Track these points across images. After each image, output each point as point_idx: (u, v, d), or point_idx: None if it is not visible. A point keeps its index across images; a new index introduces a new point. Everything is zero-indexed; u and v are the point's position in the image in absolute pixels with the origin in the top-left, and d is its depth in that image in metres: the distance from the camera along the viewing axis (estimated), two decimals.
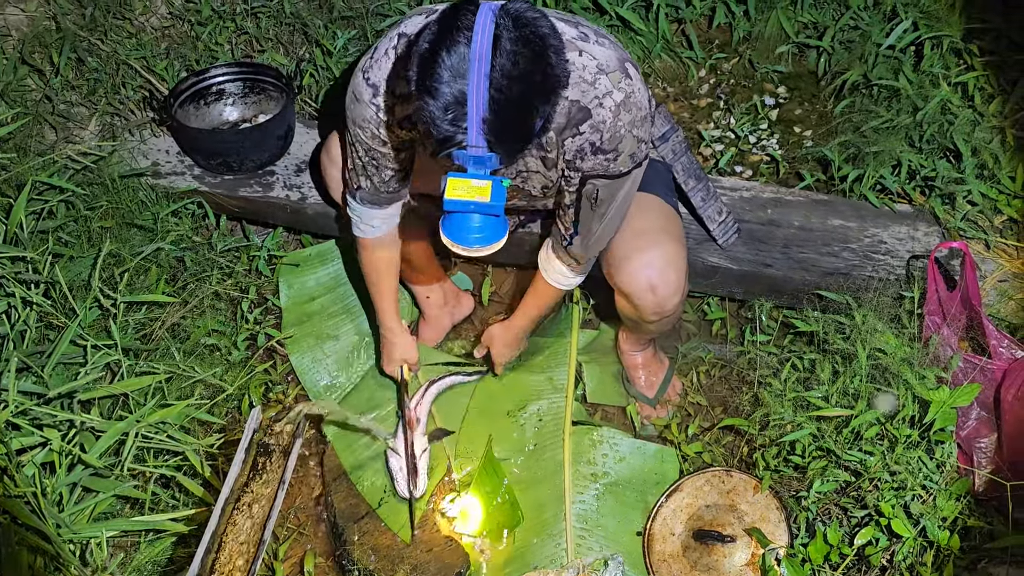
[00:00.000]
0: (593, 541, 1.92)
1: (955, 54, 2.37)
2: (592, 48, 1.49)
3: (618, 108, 1.50)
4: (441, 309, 2.28)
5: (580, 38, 1.50)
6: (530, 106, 1.29)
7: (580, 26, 1.53)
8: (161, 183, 2.38)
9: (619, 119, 1.50)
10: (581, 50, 1.48)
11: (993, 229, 2.13)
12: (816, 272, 2.09)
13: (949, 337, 1.80)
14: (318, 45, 2.59)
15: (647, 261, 1.74)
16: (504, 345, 2.08)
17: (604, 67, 1.49)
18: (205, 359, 2.14)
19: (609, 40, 1.54)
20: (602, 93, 1.49)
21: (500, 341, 2.08)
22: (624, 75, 1.50)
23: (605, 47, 1.51)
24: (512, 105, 1.25)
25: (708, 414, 2.15)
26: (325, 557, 1.97)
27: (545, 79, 1.30)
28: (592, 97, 1.49)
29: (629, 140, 1.53)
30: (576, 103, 1.49)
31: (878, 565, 1.66)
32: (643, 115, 1.54)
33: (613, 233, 1.76)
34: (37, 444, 1.74)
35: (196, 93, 2.47)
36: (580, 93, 1.48)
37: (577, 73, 1.47)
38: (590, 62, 1.48)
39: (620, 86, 1.50)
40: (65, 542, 1.66)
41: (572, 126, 1.51)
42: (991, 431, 1.76)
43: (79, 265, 2.09)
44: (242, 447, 1.50)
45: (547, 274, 1.84)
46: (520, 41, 1.25)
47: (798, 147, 2.52)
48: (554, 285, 1.85)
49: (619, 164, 1.56)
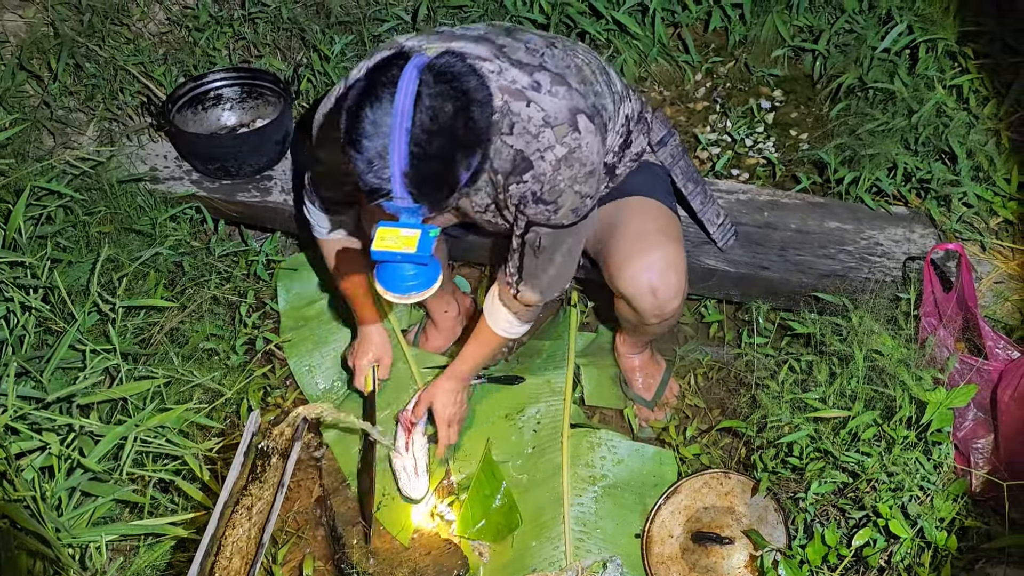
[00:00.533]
0: (592, 543, 1.92)
1: (950, 57, 2.38)
2: (542, 99, 1.51)
3: (558, 163, 1.51)
4: (455, 320, 2.28)
5: (531, 87, 1.51)
6: (451, 159, 1.32)
7: (539, 71, 1.53)
8: (159, 188, 2.39)
9: (559, 173, 1.52)
10: (529, 100, 1.50)
11: (989, 231, 2.13)
12: (813, 274, 2.10)
13: (945, 338, 1.81)
14: (315, 50, 2.60)
15: (648, 264, 1.74)
16: (448, 395, 1.95)
17: (551, 120, 1.50)
18: (203, 363, 2.14)
19: (566, 88, 1.54)
20: (544, 146, 1.51)
21: (443, 393, 1.95)
22: (572, 129, 1.51)
23: (557, 98, 1.52)
24: (432, 159, 1.29)
25: (706, 416, 2.15)
26: (324, 561, 1.97)
27: (467, 132, 1.32)
28: (535, 149, 1.51)
29: (570, 195, 1.55)
30: (520, 152, 1.52)
31: (876, 566, 1.66)
32: (588, 171, 1.54)
33: (566, 281, 1.76)
34: (36, 448, 1.74)
35: (194, 98, 2.47)
36: (524, 144, 1.51)
37: (522, 124, 1.50)
38: (536, 113, 1.50)
39: (564, 140, 1.51)
40: (64, 546, 1.66)
41: (517, 173, 1.54)
42: (988, 432, 1.77)
43: (78, 270, 2.09)
44: (241, 450, 1.50)
45: (492, 321, 1.83)
46: (440, 96, 1.29)
47: (794, 150, 2.53)
48: (499, 333, 1.84)
49: (560, 217, 1.58)
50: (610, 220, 1.82)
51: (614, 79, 1.75)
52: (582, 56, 1.69)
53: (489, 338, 1.87)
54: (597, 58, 1.74)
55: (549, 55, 1.60)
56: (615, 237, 1.79)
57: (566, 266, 1.71)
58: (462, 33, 1.62)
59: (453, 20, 2.61)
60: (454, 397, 1.96)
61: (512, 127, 1.50)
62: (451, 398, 1.96)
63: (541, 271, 1.69)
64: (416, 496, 1.99)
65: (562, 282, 1.75)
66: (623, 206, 1.83)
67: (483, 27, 1.66)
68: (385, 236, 1.32)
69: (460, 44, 1.55)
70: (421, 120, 1.27)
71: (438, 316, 2.25)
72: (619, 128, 1.77)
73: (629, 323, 1.92)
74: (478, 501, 1.99)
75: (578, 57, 1.67)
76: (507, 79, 1.51)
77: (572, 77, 1.58)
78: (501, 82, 1.50)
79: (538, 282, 1.71)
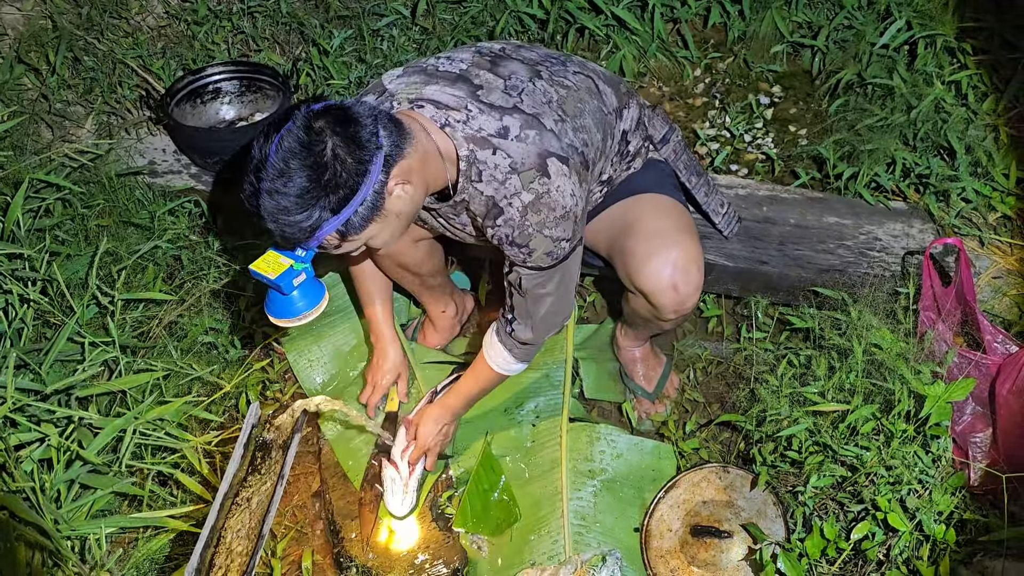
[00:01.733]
0: (591, 537, 1.92)
1: (948, 53, 2.39)
2: (509, 145, 1.52)
3: (525, 209, 1.53)
4: (453, 319, 2.29)
5: (498, 134, 1.53)
6: (301, 202, 1.35)
7: (511, 114, 1.54)
8: (158, 182, 2.39)
9: (526, 219, 1.53)
10: (496, 148, 1.52)
11: (987, 226, 2.14)
12: (812, 269, 2.10)
13: (944, 333, 1.81)
14: (314, 44, 2.60)
15: (669, 260, 1.74)
16: (434, 423, 1.95)
17: (517, 166, 1.52)
18: (202, 357, 2.14)
19: (537, 132, 1.54)
20: (511, 192, 1.53)
21: (430, 421, 1.95)
22: (541, 174, 1.52)
23: (526, 143, 1.53)
24: (280, 206, 1.35)
25: (705, 411, 2.15)
26: (323, 555, 1.97)
27: (316, 177, 1.35)
28: (503, 196, 1.53)
29: (540, 239, 1.55)
30: (491, 199, 1.54)
31: (874, 559, 1.66)
32: (558, 215, 1.54)
33: (559, 322, 1.76)
34: (35, 440, 1.74)
35: (193, 92, 2.47)
36: (493, 190, 1.53)
37: (489, 172, 1.52)
38: (503, 160, 1.52)
39: (532, 186, 1.52)
40: (64, 538, 1.66)
41: (491, 218, 1.56)
42: (986, 426, 1.77)
43: (76, 263, 2.09)
44: (241, 442, 1.50)
45: (489, 357, 1.84)
46: (289, 152, 1.33)
47: (793, 145, 2.53)
48: (495, 369, 1.84)
49: (535, 260, 1.59)
50: (624, 218, 1.82)
51: (608, 96, 1.73)
52: (572, 80, 1.67)
53: (485, 373, 1.88)
54: (589, 76, 1.72)
55: (528, 91, 1.60)
56: (632, 235, 1.79)
57: (558, 305, 1.72)
58: (445, 71, 1.62)
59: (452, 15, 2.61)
60: (439, 427, 1.96)
61: (480, 174, 1.53)
62: (436, 427, 1.95)
63: (532, 310, 1.70)
64: (399, 513, 1.96)
65: (555, 322, 1.76)
66: (635, 204, 1.83)
67: (470, 56, 1.65)
68: (267, 258, 1.44)
69: (436, 88, 1.57)
70: (274, 163, 1.34)
71: (435, 315, 2.26)
72: (614, 145, 1.76)
73: (641, 318, 1.92)
74: (477, 495, 2.00)
75: (568, 81, 1.66)
76: (473, 128, 1.53)
77: (549, 116, 1.58)
78: (467, 131, 1.53)
79: (530, 321, 1.73)
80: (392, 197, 1.43)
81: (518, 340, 1.77)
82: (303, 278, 1.45)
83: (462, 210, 1.63)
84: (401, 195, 1.44)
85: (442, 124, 1.52)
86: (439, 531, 1.99)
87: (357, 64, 2.61)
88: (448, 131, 1.52)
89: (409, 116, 1.51)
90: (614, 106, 1.74)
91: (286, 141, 1.34)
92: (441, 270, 2.13)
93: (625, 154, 1.82)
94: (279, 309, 1.48)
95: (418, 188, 1.47)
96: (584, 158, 1.61)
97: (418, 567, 1.94)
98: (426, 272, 2.06)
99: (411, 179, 1.45)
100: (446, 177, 1.55)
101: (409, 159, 1.44)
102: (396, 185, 1.43)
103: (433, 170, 1.51)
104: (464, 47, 1.71)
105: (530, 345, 1.78)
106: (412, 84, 1.60)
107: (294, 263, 1.44)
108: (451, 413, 1.97)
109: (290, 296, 1.46)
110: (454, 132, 1.51)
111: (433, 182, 1.53)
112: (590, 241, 1.91)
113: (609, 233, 1.84)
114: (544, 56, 1.71)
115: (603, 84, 1.73)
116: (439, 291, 2.20)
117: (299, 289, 1.46)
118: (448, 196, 1.59)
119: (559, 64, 1.70)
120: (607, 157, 1.74)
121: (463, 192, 1.56)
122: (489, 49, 1.69)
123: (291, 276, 1.43)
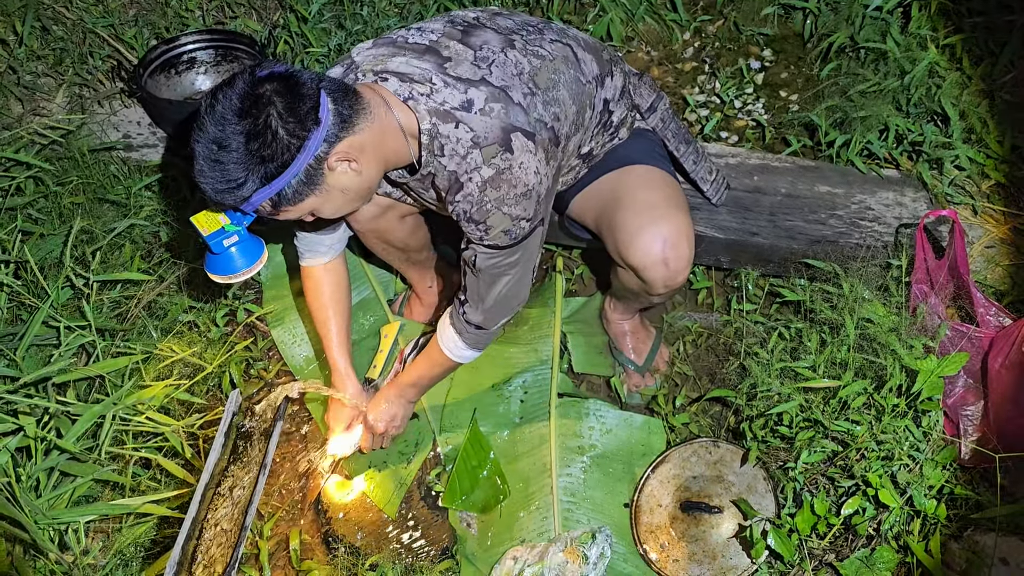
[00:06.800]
0: (580, 514, 1.92)
1: (943, 15, 2.33)
2: (472, 119, 1.48)
3: (484, 184, 1.49)
4: (440, 294, 2.27)
5: (462, 107, 1.48)
6: (231, 172, 1.34)
7: (477, 87, 1.49)
8: (133, 156, 2.32)
9: (485, 195, 1.49)
10: (458, 121, 1.48)
11: (980, 194, 2.11)
12: (803, 240, 2.07)
13: (937, 306, 1.79)
14: (292, 11, 2.51)
15: (660, 234, 1.70)
16: (385, 401, 1.95)
17: (480, 140, 1.48)
18: (183, 337, 2.10)
19: (503, 105, 1.49)
20: (471, 167, 1.49)
21: (381, 399, 1.95)
22: (504, 149, 1.48)
23: (490, 116, 1.48)
24: (212, 170, 1.34)
25: (695, 385, 2.13)
26: (311, 534, 1.96)
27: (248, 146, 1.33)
28: (464, 171, 1.50)
29: (498, 216, 1.51)
30: (454, 173, 1.50)
31: (864, 534, 1.66)
32: (519, 192, 1.50)
33: (511, 309, 1.73)
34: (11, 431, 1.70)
35: (166, 62, 2.40)
36: (456, 165, 1.50)
37: (451, 146, 1.49)
38: (465, 134, 1.48)
39: (493, 161, 1.48)
40: (42, 529, 1.63)
41: (452, 192, 1.53)
42: (978, 399, 1.76)
43: (50, 243, 2.04)
44: (221, 431, 1.47)
45: (441, 341, 1.81)
46: (223, 117, 1.32)
47: (784, 112, 2.48)
48: (445, 352, 1.81)
49: (492, 238, 1.55)
50: (613, 191, 1.77)
51: (587, 64, 1.66)
52: (547, 49, 1.61)
53: (436, 357, 1.84)
54: (568, 44, 1.65)
55: (499, 63, 1.54)
56: (622, 208, 1.74)
57: (513, 289, 1.68)
58: (414, 42, 1.57)
59: None
60: (388, 406, 1.95)
61: (443, 148, 1.49)
62: (388, 409, 1.95)
63: (484, 292, 1.67)
64: (339, 453, 1.98)
65: (509, 306, 1.72)
66: (624, 176, 1.79)
67: (441, 26, 1.60)
68: (208, 213, 1.46)
69: (402, 60, 1.53)
70: (210, 127, 1.33)
71: (422, 290, 2.23)
72: (595, 116, 1.71)
73: (630, 292, 1.88)
74: (465, 472, 1.98)
75: (543, 51, 1.60)
76: (437, 101, 1.49)
77: (519, 88, 1.53)
78: (430, 104, 1.48)
79: (481, 304, 1.69)
80: (335, 173, 1.41)
81: (469, 324, 1.73)
82: (235, 239, 1.47)
83: (429, 185, 1.60)
84: (346, 171, 1.42)
85: (405, 97, 1.48)
86: (428, 509, 1.98)
87: (337, 31, 2.53)
88: (411, 104, 1.48)
89: (371, 89, 1.47)
90: (594, 74, 1.68)
91: (223, 105, 1.31)
92: (426, 245, 2.09)
93: (608, 124, 1.76)
94: (218, 266, 1.51)
95: (371, 164, 1.45)
96: (554, 133, 1.56)
97: (407, 545, 1.93)
98: (412, 248, 2.02)
99: (361, 155, 1.42)
100: (408, 152, 1.52)
101: (361, 135, 1.41)
102: (339, 161, 1.40)
103: (392, 145, 1.48)
104: (438, 17, 1.65)
105: (482, 330, 1.75)
106: (379, 56, 1.55)
107: (229, 223, 1.45)
108: (400, 391, 1.94)
109: (226, 253, 1.48)
110: (417, 105, 1.47)
111: (394, 156, 1.50)
112: (578, 214, 1.87)
113: (597, 206, 1.80)
114: (521, 24, 1.65)
115: (583, 52, 1.67)
116: (425, 266, 2.16)
117: (236, 247, 1.49)
118: (416, 170, 1.56)
119: (535, 32, 1.64)
120: (585, 129, 1.69)
121: (428, 166, 1.52)
122: (463, 18, 1.63)
123: (222, 236, 1.45)
